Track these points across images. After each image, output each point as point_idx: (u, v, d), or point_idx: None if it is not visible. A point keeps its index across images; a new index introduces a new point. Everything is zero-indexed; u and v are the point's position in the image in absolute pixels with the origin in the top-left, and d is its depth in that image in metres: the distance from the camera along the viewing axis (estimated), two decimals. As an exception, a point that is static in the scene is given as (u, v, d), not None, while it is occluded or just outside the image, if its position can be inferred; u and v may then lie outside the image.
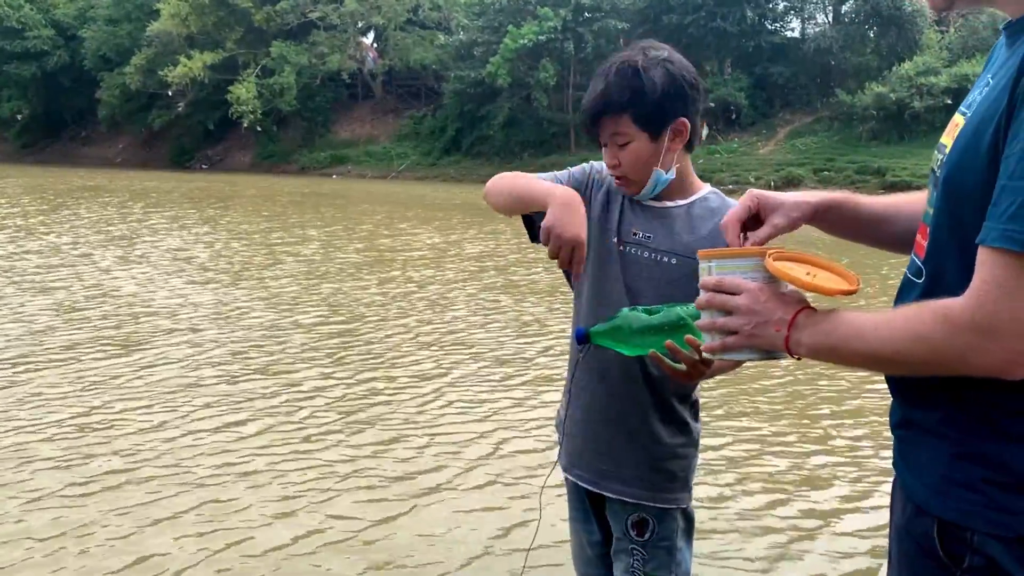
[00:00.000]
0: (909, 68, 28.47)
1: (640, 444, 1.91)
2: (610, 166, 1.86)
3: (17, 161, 44.82)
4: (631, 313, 1.61)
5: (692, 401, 1.97)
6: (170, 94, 41.46)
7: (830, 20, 34.44)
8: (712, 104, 29.13)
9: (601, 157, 1.94)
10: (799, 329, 1.27)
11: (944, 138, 1.28)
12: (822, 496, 4.22)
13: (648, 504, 1.92)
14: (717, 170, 26.92)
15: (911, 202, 1.50)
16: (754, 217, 1.48)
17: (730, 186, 23.26)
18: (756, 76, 32.74)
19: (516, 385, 5.88)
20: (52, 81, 47.24)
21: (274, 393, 5.53)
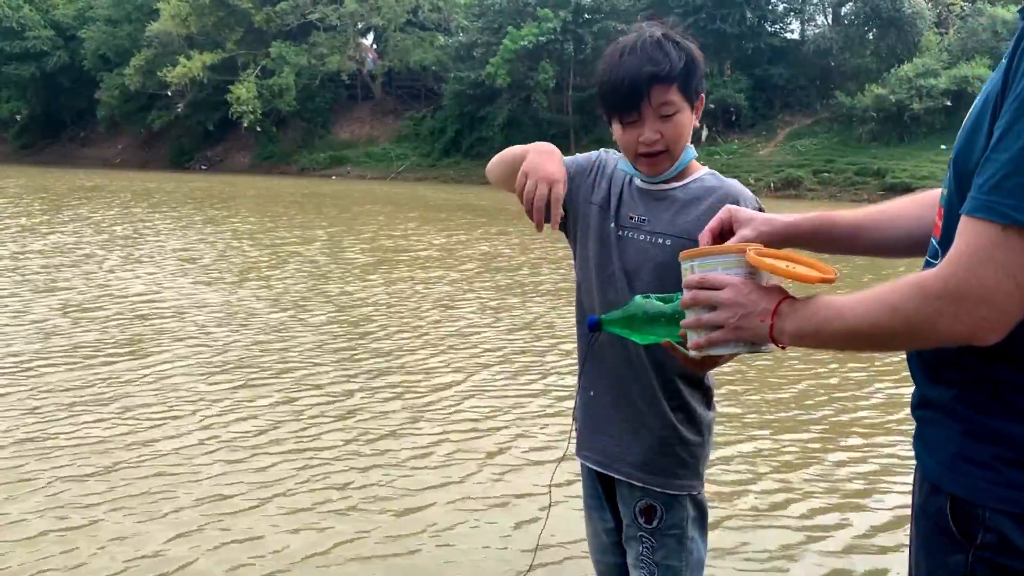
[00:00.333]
0: (908, 70, 28.52)
1: (648, 429, 1.91)
2: (650, 141, 1.81)
3: (16, 162, 44.80)
4: (644, 301, 1.61)
5: (704, 388, 1.96)
6: (169, 94, 41.48)
7: (830, 22, 34.49)
8: (712, 106, 29.14)
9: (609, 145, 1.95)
10: (782, 318, 1.31)
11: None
12: (836, 488, 4.19)
13: (655, 490, 1.91)
14: (717, 171, 26.89)
15: (890, 208, 1.54)
16: (729, 231, 1.53)
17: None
18: (756, 78, 32.77)
19: (525, 383, 5.84)
20: (51, 82, 47.27)
21: (285, 395, 5.46)
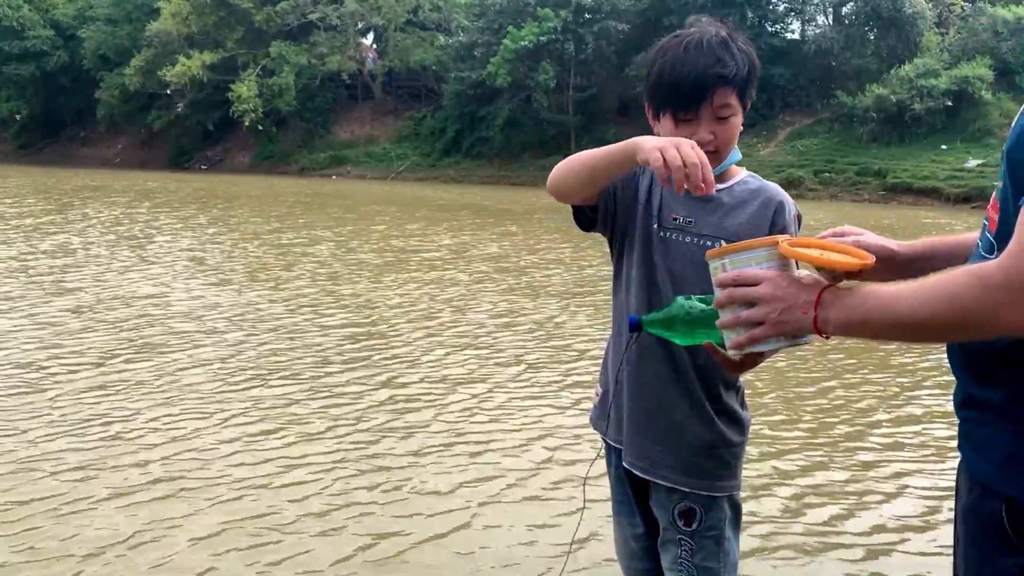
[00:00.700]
0: (909, 70, 28.51)
1: (692, 434, 1.90)
2: (704, 141, 1.78)
3: (15, 161, 44.73)
4: (686, 302, 1.60)
5: (738, 388, 1.97)
6: (169, 93, 41.48)
7: (830, 22, 34.46)
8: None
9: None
10: (826, 307, 1.29)
11: None
12: (865, 489, 4.14)
13: (695, 492, 1.91)
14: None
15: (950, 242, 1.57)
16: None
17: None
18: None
19: (546, 386, 5.77)
20: (51, 81, 47.26)
21: (304, 399, 5.35)
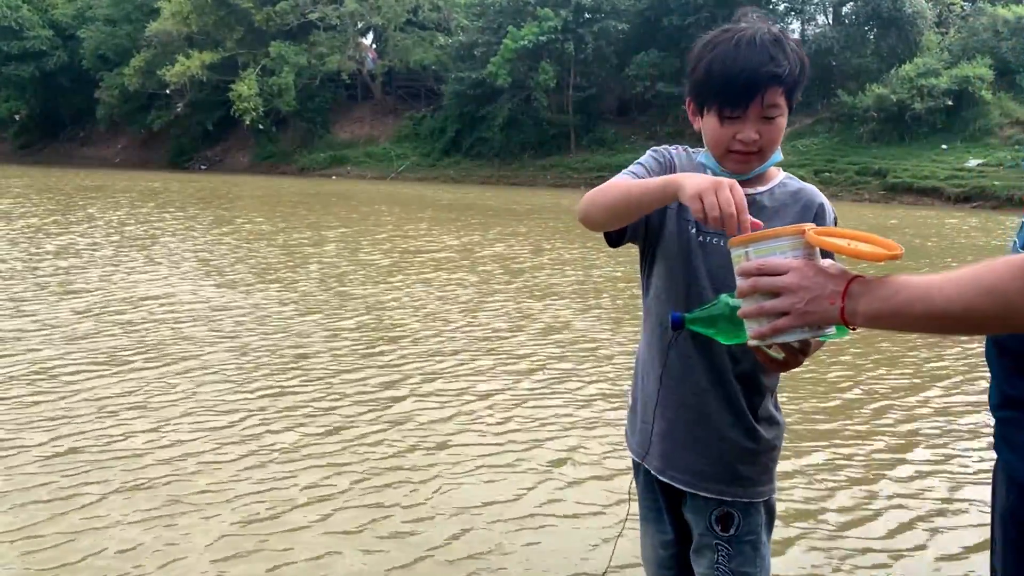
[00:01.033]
0: (910, 69, 28.48)
1: (732, 441, 1.89)
2: (749, 141, 1.75)
3: (15, 161, 44.71)
4: (731, 300, 1.57)
5: (774, 391, 1.96)
6: (168, 93, 41.45)
7: (830, 21, 34.44)
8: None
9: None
10: (854, 298, 1.27)
11: None
12: (912, 502, 4.07)
13: (733, 499, 1.89)
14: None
15: None
16: None
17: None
18: (756, 77, 32.67)
19: (569, 391, 5.70)
20: (50, 81, 47.24)
21: (323, 405, 5.25)
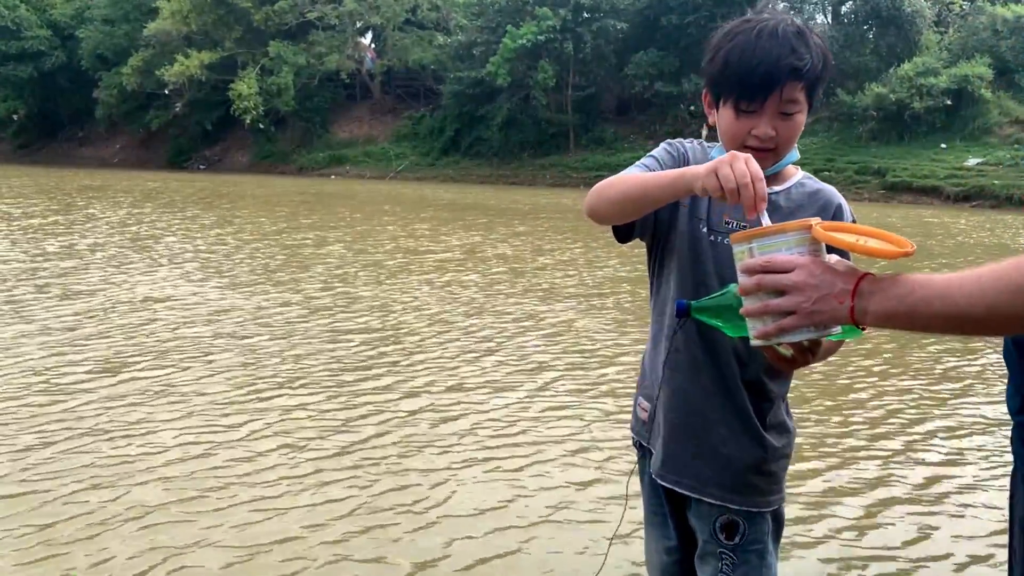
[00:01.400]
0: (909, 69, 28.52)
1: (740, 449, 1.83)
2: (765, 137, 1.68)
3: (14, 161, 44.68)
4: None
5: (784, 397, 1.90)
6: (167, 93, 41.43)
7: (829, 20, 34.45)
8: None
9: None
10: (864, 297, 1.23)
11: None
12: (926, 508, 4.04)
13: (739, 507, 1.83)
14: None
15: None
16: None
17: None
18: (755, 76, 32.68)
19: (572, 393, 5.68)
20: (49, 81, 47.19)
21: (323, 410, 5.19)
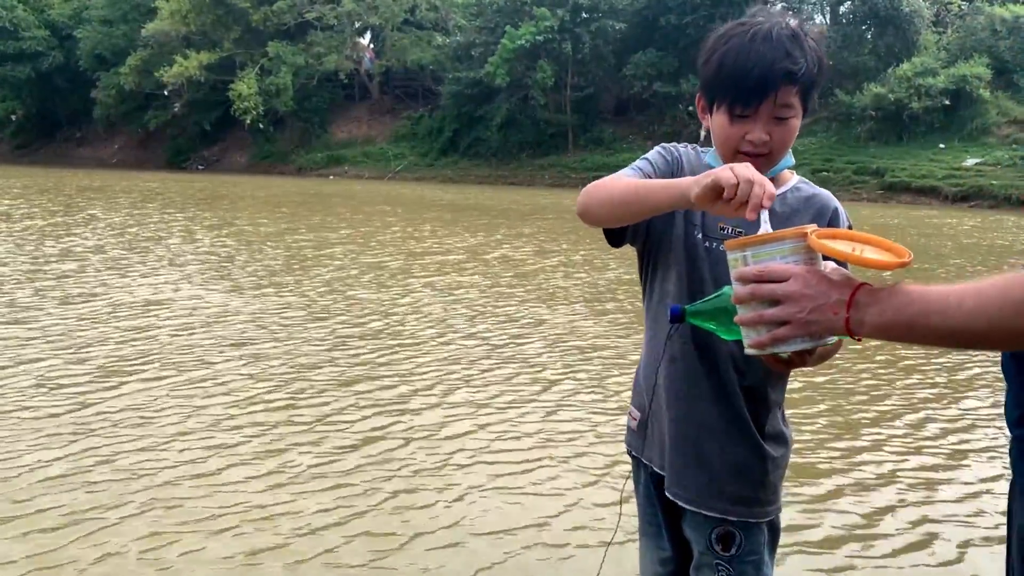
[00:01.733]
0: (907, 69, 28.55)
1: (738, 459, 1.81)
2: (759, 142, 1.67)
3: (12, 162, 44.59)
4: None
5: (781, 405, 1.89)
6: (166, 94, 41.40)
7: (828, 21, 34.48)
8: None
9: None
10: (860, 308, 1.21)
11: None
12: (921, 513, 4.04)
13: (735, 518, 1.81)
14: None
15: None
16: None
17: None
18: (754, 77, 32.71)
19: (592, 403, 5.65)
20: (47, 82, 47.15)
21: (333, 418, 5.13)
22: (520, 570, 3.41)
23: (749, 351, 1.38)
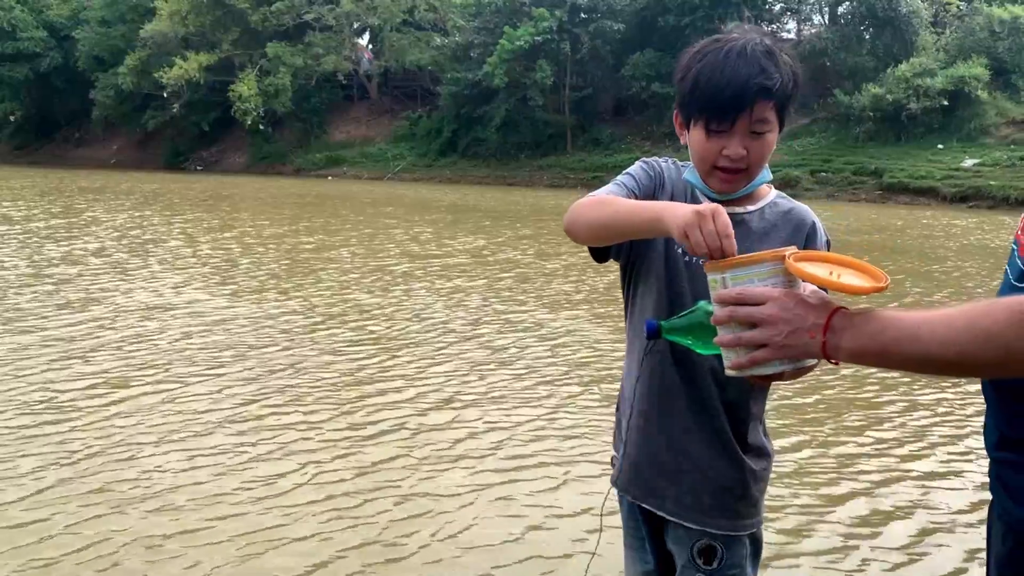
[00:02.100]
0: (906, 69, 28.60)
1: (719, 473, 1.82)
2: (735, 157, 1.68)
3: (11, 163, 44.52)
4: (710, 307, 1.46)
5: (761, 418, 1.89)
6: (165, 95, 41.40)
7: (826, 21, 34.56)
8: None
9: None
10: (836, 333, 1.22)
11: None
12: (893, 537, 3.97)
13: (716, 531, 1.82)
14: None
15: None
16: None
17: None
18: (752, 77, 32.76)
19: (599, 412, 5.62)
20: (45, 82, 47.17)
21: (329, 429, 5.07)
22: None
23: (729, 372, 1.40)
